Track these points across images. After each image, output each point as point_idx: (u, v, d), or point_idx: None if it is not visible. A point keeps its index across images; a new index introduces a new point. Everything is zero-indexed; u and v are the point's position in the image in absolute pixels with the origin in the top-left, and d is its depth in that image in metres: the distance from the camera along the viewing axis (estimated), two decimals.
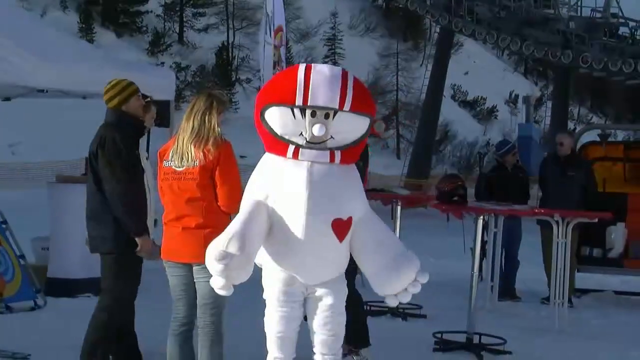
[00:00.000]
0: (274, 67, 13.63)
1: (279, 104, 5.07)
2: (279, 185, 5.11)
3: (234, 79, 48.89)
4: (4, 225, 10.25)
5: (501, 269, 11.82)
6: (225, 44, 50.03)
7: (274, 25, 12.89)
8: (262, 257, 5.26)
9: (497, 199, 10.93)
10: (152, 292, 7.81)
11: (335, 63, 52.90)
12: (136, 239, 6.63)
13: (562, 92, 37.36)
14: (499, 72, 63.17)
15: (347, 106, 5.05)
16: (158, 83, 11.38)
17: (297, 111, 5.04)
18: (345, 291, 5.44)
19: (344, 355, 7.67)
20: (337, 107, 5.04)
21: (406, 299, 5.27)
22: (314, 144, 5.08)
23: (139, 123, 6.98)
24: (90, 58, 11.54)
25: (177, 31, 51.36)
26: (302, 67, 5.13)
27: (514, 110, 58.33)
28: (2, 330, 8.25)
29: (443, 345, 8.71)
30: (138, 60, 41.71)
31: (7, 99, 12.00)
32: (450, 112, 50.60)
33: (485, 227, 10.01)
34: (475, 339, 8.72)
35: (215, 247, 4.95)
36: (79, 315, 7.92)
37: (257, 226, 5.07)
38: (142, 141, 7.18)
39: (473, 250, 9.03)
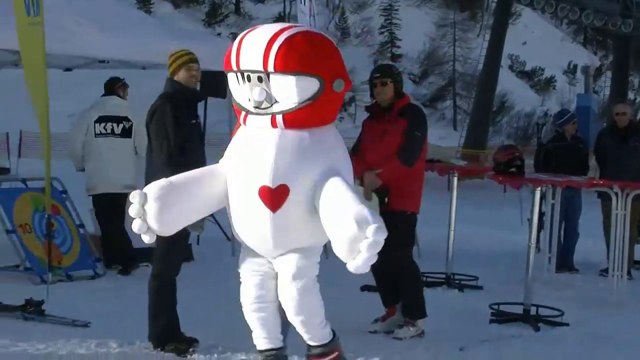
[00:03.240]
0: None
1: (227, 70, 5.09)
2: (230, 154, 5.19)
3: None
4: (64, 195, 10.38)
5: (559, 241, 11.73)
6: (282, 14, 49.97)
7: None
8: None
9: (556, 170, 10.83)
10: None
11: (392, 33, 52.69)
12: None
13: (622, 61, 36.87)
14: (557, 42, 62.42)
15: (270, 67, 4.86)
16: (217, 53, 11.36)
17: (239, 76, 5.01)
18: (313, 268, 5.20)
19: (400, 326, 7.70)
20: (260, 68, 4.88)
21: (366, 261, 4.69)
22: (260, 109, 5.00)
23: (190, 92, 7.03)
24: (149, 28, 11.58)
25: (234, 2, 51.40)
26: (246, 31, 5.10)
27: (572, 80, 57.67)
28: (62, 298, 8.36)
29: (500, 317, 8.68)
30: (195, 31, 41.87)
31: (69, 69, 12.10)
32: (507, 82, 50.17)
33: (542, 198, 9.92)
34: (533, 311, 8.68)
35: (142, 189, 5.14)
36: (137, 283, 8.04)
37: (196, 184, 5.16)
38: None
39: (530, 221, 8.96)
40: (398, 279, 7.71)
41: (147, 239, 5.10)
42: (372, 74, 7.86)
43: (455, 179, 10.59)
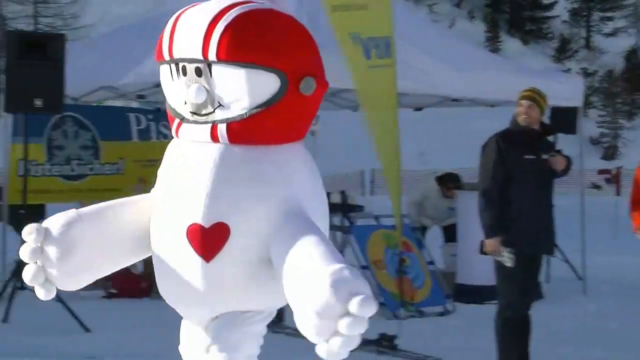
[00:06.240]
0: None
1: (158, 60, 3.56)
2: (159, 179, 3.58)
3: None
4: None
5: None
6: (635, 47, 48.55)
7: None
8: None
9: None
10: None
11: None
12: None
13: None
14: None
15: (212, 53, 3.31)
16: (564, 89, 11.27)
17: (173, 68, 3.49)
18: (254, 341, 3.32)
19: None
20: (199, 56, 3.35)
21: (345, 346, 2.75)
22: (199, 115, 3.45)
23: (521, 128, 7.03)
24: (498, 66, 11.69)
25: (584, 36, 50.61)
26: (185, 7, 3.55)
27: None
28: (414, 333, 8.50)
29: None
30: (544, 67, 41.62)
31: (419, 109, 12.41)
32: None
33: None
34: None
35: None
36: (486, 321, 8.03)
37: (110, 221, 3.49)
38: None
39: None
40: None
41: (43, 295, 3.36)
42: None
43: None
